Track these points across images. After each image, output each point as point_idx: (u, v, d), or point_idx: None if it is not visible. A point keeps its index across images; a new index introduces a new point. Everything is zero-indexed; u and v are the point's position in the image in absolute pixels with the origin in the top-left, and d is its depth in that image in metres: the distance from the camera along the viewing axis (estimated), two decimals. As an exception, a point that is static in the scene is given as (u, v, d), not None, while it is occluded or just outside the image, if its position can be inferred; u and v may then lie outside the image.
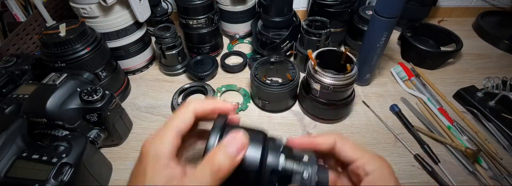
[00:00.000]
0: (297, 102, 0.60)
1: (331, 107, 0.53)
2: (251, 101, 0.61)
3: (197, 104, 0.29)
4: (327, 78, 0.48)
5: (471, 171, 0.48)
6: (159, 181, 0.25)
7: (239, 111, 0.59)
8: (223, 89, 0.63)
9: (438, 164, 0.49)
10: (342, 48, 0.52)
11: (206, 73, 0.64)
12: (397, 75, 0.66)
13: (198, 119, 0.30)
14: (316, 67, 0.49)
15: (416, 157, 0.50)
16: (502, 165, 0.48)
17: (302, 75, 0.58)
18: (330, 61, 0.52)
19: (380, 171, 0.30)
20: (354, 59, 0.50)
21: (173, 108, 0.59)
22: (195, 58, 0.68)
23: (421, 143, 0.52)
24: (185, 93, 0.62)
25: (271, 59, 0.58)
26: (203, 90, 0.62)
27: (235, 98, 0.63)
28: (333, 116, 0.56)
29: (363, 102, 0.61)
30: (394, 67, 0.68)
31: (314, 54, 0.50)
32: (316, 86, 0.50)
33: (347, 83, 0.49)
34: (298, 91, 0.59)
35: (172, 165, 0.27)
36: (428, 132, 0.54)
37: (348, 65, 0.49)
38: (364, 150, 0.31)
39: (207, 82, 0.65)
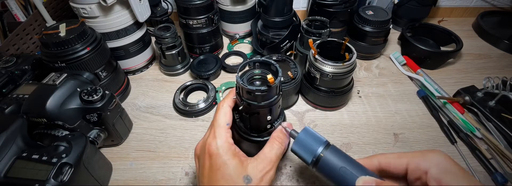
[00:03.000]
0: (300, 96, 0.62)
1: (331, 94, 0.55)
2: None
3: (227, 99, 0.35)
4: (327, 67, 0.50)
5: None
6: (237, 167, 0.30)
7: (239, 111, 0.59)
8: (223, 88, 0.63)
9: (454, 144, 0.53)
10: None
11: (210, 73, 0.63)
12: (396, 60, 0.70)
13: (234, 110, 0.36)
14: (317, 56, 0.50)
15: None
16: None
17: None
18: (331, 52, 0.53)
19: (438, 164, 0.27)
20: (353, 49, 0.51)
21: (175, 106, 0.59)
22: (198, 57, 0.67)
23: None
24: (187, 90, 0.62)
25: (273, 58, 0.58)
26: (205, 87, 0.62)
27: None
28: (333, 103, 0.58)
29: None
30: (393, 53, 0.71)
31: (315, 44, 0.52)
32: (317, 74, 0.52)
33: (346, 71, 0.51)
34: (300, 87, 0.60)
35: (237, 151, 0.32)
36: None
37: (346, 54, 0.51)
38: (409, 152, 0.29)
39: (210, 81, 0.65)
